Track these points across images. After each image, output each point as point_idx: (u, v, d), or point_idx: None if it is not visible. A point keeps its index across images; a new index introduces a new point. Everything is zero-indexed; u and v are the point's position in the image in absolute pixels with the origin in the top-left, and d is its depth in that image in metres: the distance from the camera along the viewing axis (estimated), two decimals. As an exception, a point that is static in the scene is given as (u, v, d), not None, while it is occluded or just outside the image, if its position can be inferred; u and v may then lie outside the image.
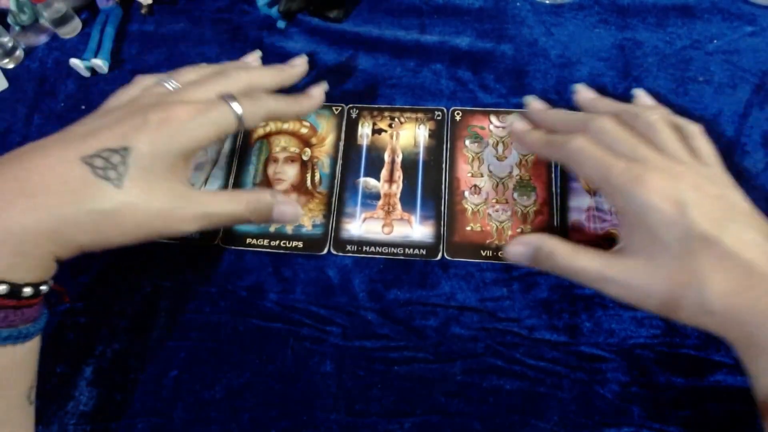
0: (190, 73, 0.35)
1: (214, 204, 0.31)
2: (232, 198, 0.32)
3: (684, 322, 0.29)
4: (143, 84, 0.34)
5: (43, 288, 0.28)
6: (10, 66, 0.47)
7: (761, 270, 0.26)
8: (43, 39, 0.48)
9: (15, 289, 0.26)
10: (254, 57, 0.40)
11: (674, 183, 0.28)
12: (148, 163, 0.28)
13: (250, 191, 0.35)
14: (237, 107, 0.32)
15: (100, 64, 0.45)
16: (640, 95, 0.38)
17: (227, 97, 0.32)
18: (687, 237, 0.27)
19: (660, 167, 0.29)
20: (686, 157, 0.31)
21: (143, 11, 0.48)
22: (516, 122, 0.36)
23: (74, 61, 0.45)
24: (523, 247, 0.32)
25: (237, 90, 0.33)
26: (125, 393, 0.35)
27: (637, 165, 0.29)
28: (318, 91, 0.37)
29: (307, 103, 0.36)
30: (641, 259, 0.29)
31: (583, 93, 0.38)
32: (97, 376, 0.35)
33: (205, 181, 0.40)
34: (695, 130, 0.33)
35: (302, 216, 0.35)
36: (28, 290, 0.26)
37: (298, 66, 0.38)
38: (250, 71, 0.36)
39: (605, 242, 0.36)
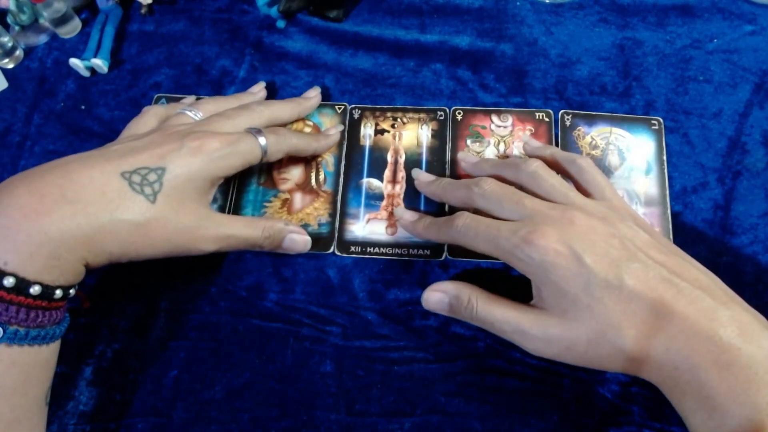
0: (209, 104, 0.38)
1: (233, 228, 0.33)
2: (249, 224, 0.34)
3: (611, 370, 0.28)
4: (157, 113, 0.37)
5: (71, 291, 0.29)
6: (10, 66, 0.47)
7: (669, 308, 0.26)
8: (42, 39, 0.48)
9: (48, 291, 0.27)
10: (260, 87, 0.42)
11: (564, 234, 0.28)
12: (180, 184, 0.31)
13: (266, 219, 0.36)
14: (263, 141, 0.34)
15: (100, 63, 0.45)
16: (527, 140, 0.38)
17: (254, 131, 0.35)
18: (590, 286, 0.27)
19: (547, 219, 0.29)
20: (576, 198, 0.31)
21: (143, 11, 0.48)
22: (404, 213, 0.36)
23: (74, 61, 0.45)
24: (440, 294, 0.32)
25: (260, 124, 0.36)
26: (125, 393, 0.35)
27: (524, 225, 0.29)
28: (334, 131, 0.40)
29: (324, 141, 0.39)
30: (555, 312, 0.28)
31: (467, 160, 0.38)
32: (97, 376, 0.35)
33: None
34: (583, 164, 0.33)
35: (310, 245, 0.37)
36: (59, 293, 0.28)
37: (313, 98, 0.41)
38: (271, 106, 0.39)
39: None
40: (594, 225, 0.28)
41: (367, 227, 0.38)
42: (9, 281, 0.25)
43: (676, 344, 0.25)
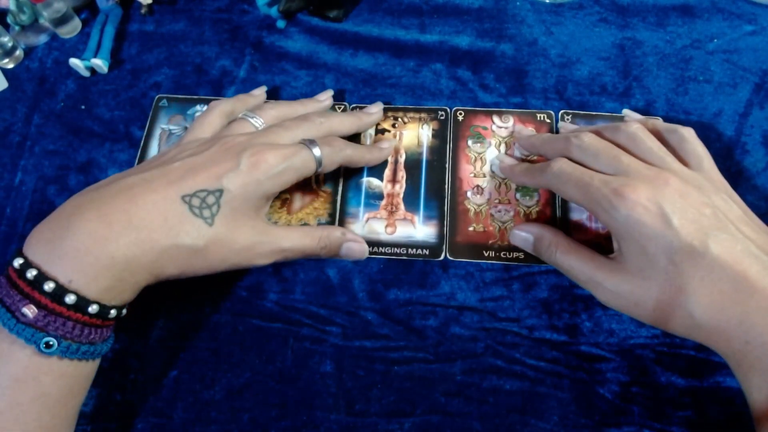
0: (272, 110, 0.37)
1: (289, 240, 0.33)
2: (306, 234, 0.34)
3: (676, 333, 0.29)
4: (223, 111, 0.37)
5: (123, 311, 0.30)
6: (10, 66, 0.47)
7: (751, 283, 0.25)
8: (42, 39, 0.48)
9: (104, 310, 0.28)
10: (327, 95, 0.41)
11: (656, 193, 0.28)
12: (237, 204, 0.31)
13: (322, 228, 0.36)
14: (318, 152, 0.34)
15: (100, 63, 0.45)
16: (629, 113, 0.39)
17: (309, 143, 0.34)
18: (672, 249, 0.27)
19: (642, 177, 0.29)
20: (673, 164, 0.30)
21: (143, 11, 0.48)
22: (504, 158, 0.38)
23: (74, 61, 0.45)
24: (526, 234, 0.35)
25: (318, 136, 0.35)
26: (125, 393, 0.35)
27: (617, 178, 0.29)
28: (387, 144, 0.39)
29: (378, 154, 0.39)
30: (631, 269, 0.29)
31: (565, 126, 0.39)
32: (97, 376, 0.35)
33: None
34: (685, 134, 0.33)
35: (368, 253, 0.37)
36: (113, 312, 0.29)
37: (374, 114, 0.40)
38: (331, 118, 0.38)
39: (607, 241, 0.36)
40: (688, 191, 0.28)
41: (367, 226, 0.38)
42: (71, 299, 0.26)
43: (751, 319, 0.25)
